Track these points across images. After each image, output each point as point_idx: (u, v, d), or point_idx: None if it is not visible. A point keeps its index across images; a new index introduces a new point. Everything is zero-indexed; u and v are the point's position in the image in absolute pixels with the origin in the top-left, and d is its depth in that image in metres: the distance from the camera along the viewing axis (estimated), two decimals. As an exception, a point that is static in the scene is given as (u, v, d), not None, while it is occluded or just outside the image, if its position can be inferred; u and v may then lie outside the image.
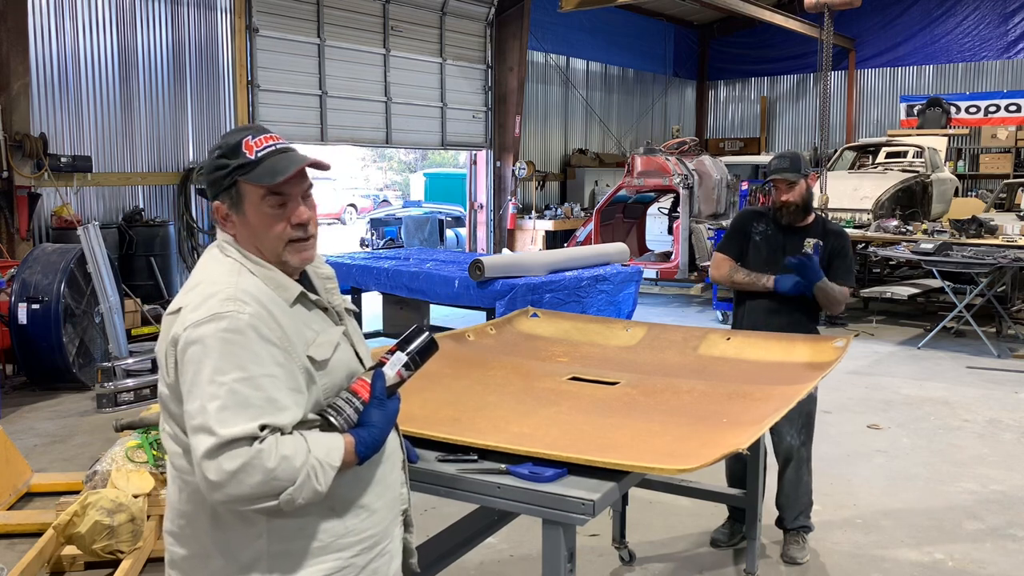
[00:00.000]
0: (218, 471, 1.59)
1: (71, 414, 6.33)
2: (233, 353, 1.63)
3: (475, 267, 6.38)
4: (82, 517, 3.64)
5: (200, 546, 1.78)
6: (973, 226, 9.89)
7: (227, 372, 1.62)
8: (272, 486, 1.60)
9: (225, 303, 1.67)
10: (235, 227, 1.80)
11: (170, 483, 1.84)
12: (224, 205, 1.79)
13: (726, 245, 4.12)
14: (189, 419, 1.64)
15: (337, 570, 1.79)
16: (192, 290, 1.75)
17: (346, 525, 1.80)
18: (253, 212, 1.78)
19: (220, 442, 1.58)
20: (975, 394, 6.96)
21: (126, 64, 9.27)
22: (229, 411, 1.60)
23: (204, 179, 1.84)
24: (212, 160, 1.80)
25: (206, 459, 1.59)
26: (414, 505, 2.07)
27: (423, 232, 16.22)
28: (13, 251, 7.95)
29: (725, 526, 4.17)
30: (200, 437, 1.61)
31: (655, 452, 2.24)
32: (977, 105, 16.54)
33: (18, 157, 8.10)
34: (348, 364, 1.86)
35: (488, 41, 14.04)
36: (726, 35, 19.55)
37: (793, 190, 3.89)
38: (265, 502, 1.62)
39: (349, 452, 1.72)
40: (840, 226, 4.26)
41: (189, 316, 1.68)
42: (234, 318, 1.65)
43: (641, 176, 11.76)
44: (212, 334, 1.64)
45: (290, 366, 1.70)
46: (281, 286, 1.78)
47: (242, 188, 1.77)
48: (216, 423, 1.59)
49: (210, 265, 1.80)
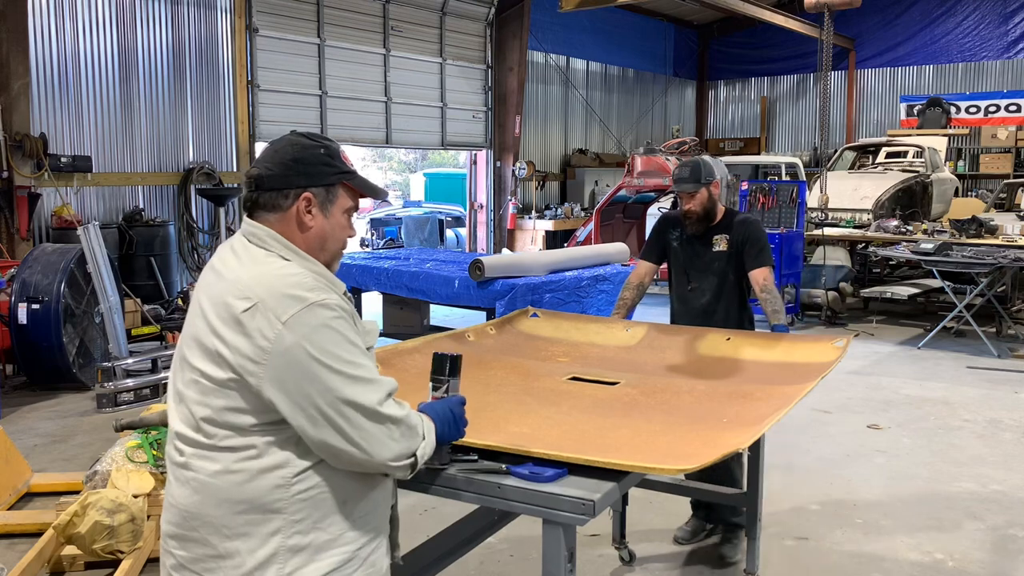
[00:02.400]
0: (391, 431, 1.76)
1: (71, 414, 6.32)
2: (343, 332, 1.74)
3: (475, 267, 6.38)
4: (82, 517, 3.63)
5: (215, 546, 1.77)
6: (973, 226, 9.89)
7: (347, 348, 1.73)
8: (413, 443, 1.80)
9: (310, 292, 1.74)
10: (314, 220, 1.85)
11: (177, 486, 1.82)
12: (317, 198, 1.84)
13: (647, 252, 4.27)
14: (336, 417, 1.71)
15: (345, 561, 1.82)
16: (256, 286, 1.73)
17: (355, 517, 1.84)
18: (339, 214, 1.89)
19: (381, 397, 1.75)
20: (975, 394, 6.96)
21: (126, 64, 9.27)
22: (371, 392, 1.74)
23: (299, 167, 1.83)
24: (316, 154, 1.86)
25: (375, 420, 1.73)
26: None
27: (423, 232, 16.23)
28: (13, 251, 7.95)
29: (689, 523, 4.19)
30: (368, 430, 1.73)
31: (655, 452, 2.24)
32: (977, 105, 16.54)
33: (18, 157, 8.11)
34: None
35: (488, 41, 14.05)
36: (726, 35, 19.55)
37: (694, 199, 3.97)
38: (408, 459, 1.80)
39: (429, 424, 1.92)
40: (747, 214, 4.36)
41: (279, 308, 1.70)
42: (327, 306, 1.74)
43: (641, 176, 11.76)
44: (319, 322, 1.71)
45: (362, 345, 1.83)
46: (333, 283, 1.85)
47: (339, 191, 1.88)
48: (373, 383, 1.75)
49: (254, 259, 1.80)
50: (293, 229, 1.84)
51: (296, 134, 1.91)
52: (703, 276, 4.07)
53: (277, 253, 1.81)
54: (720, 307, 4.05)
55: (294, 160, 1.83)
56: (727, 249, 4.02)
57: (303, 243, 1.84)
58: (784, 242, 9.41)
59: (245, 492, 1.74)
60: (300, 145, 1.86)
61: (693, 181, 3.95)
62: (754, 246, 4.00)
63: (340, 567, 1.81)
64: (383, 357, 3.03)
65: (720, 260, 4.04)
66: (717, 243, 4.04)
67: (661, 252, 4.22)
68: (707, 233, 4.05)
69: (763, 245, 4.03)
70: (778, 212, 9.94)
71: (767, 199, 10.01)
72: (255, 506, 1.74)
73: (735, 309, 4.08)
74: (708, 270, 4.06)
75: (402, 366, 3.02)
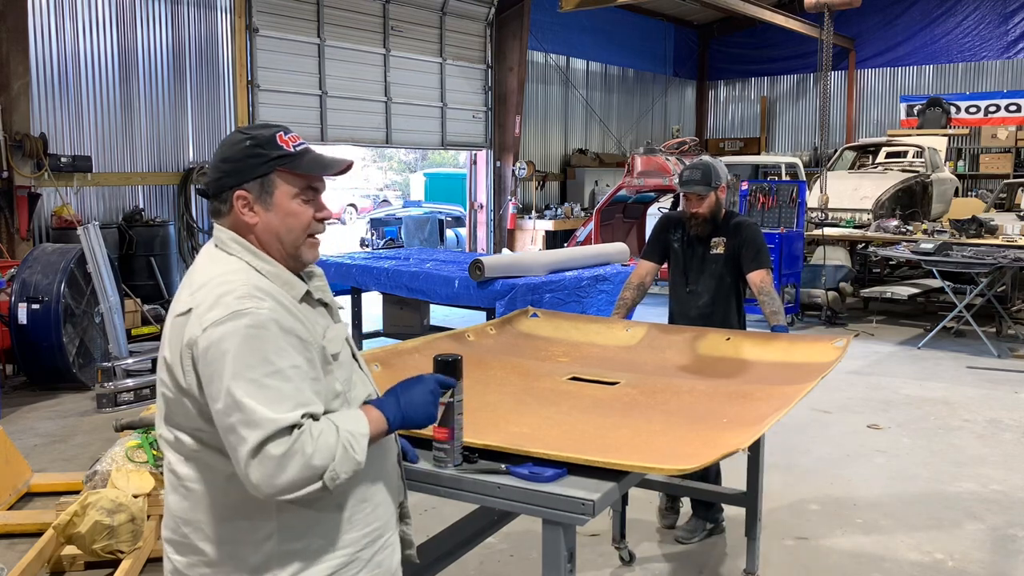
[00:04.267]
0: (263, 463, 1.59)
1: (71, 414, 6.32)
2: (260, 348, 1.63)
3: (475, 267, 6.38)
4: (82, 517, 3.63)
5: (206, 553, 1.76)
6: (973, 226, 9.89)
7: (257, 367, 1.62)
8: (313, 469, 1.62)
9: (243, 300, 1.67)
10: (256, 217, 1.79)
11: (169, 491, 1.82)
12: (251, 194, 1.78)
13: (648, 252, 4.28)
14: (223, 418, 1.63)
15: (345, 565, 1.79)
16: (200, 289, 1.72)
17: (352, 520, 1.81)
18: (285, 202, 1.79)
19: (267, 434, 1.59)
20: (975, 394, 6.96)
21: (126, 64, 9.27)
22: (269, 405, 1.61)
23: (227, 166, 1.79)
24: (242, 148, 1.78)
25: (252, 456, 1.59)
26: (413, 505, 2.08)
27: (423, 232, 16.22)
28: (13, 251, 7.95)
29: (690, 523, 4.20)
30: (242, 434, 1.60)
31: (655, 452, 2.23)
32: (977, 105, 16.54)
33: (18, 157, 8.11)
34: (350, 360, 1.89)
35: (488, 41, 14.04)
36: (726, 35, 19.55)
37: (702, 203, 3.99)
38: (311, 485, 1.63)
39: (377, 419, 1.77)
40: (744, 217, 4.37)
41: (207, 316, 1.66)
42: (255, 314, 1.65)
43: (641, 176, 11.76)
44: (235, 332, 1.63)
45: (311, 355, 1.72)
46: (288, 283, 1.79)
47: (276, 178, 1.79)
48: (261, 417, 1.60)
49: (213, 264, 1.78)
50: (242, 230, 1.80)
51: (236, 130, 1.86)
52: (701, 278, 4.08)
53: (237, 256, 1.78)
54: (718, 310, 4.07)
55: (222, 161, 1.80)
56: (724, 252, 4.04)
57: (257, 241, 1.80)
58: (784, 242, 9.41)
59: (231, 498, 1.72)
60: (228, 143, 1.81)
61: (704, 184, 3.96)
62: (751, 248, 4.00)
63: (339, 570, 1.79)
64: (383, 357, 3.03)
65: (717, 263, 4.05)
66: (715, 246, 4.05)
67: (662, 252, 4.23)
68: (708, 236, 4.06)
69: (760, 247, 4.03)
70: (778, 212, 9.94)
71: (767, 199, 10.01)
72: (243, 512, 1.72)
73: (733, 312, 4.10)
74: (706, 272, 4.07)
75: (402, 366, 3.01)
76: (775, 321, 3.84)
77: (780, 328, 3.77)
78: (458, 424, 2.09)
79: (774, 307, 3.89)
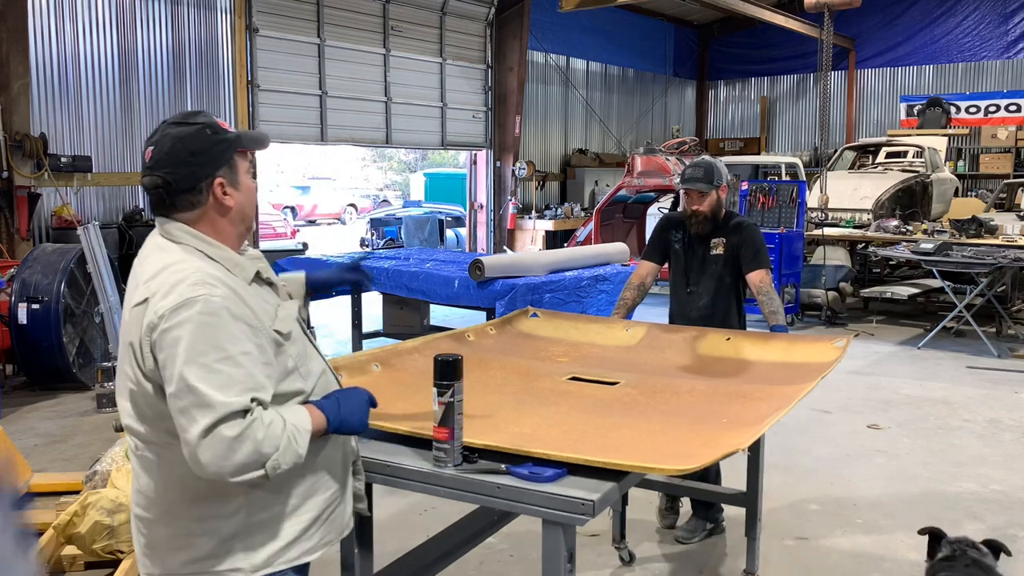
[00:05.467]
0: (214, 444, 1.66)
1: (71, 414, 6.32)
2: (212, 335, 1.70)
3: (475, 267, 6.38)
4: (82, 517, 3.63)
5: (179, 528, 1.84)
6: (973, 226, 9.89)
7: (209, 353, 1.69)
8: (260, 455, 1.70)
9: (196, 287, 1.73)
10: (233, 200, 1.86)
11: (139, 473, 1.90)
12: (225, 179, 1.85)
13: (648, 252, 4.27)
14: (175, 401, 1.70)
15: (310, 523, 1.93)
16: (153, 279, 1.78)
17: (313, 486, 1.93)
18: (245, 180, 1.90)
19: (219, 416, 1.66)
20: (975, 394, 6.96)
21: (126, 64, 9.27)
22: (220, 389, 1.68)
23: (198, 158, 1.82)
24: (207, 138, 1.83)
25: (203, 436, 1.66)
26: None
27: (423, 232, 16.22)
28: (13, 251, 7.95)
29: (690, 523, 4.20)
30: (194, 416, 1.67)
31: (655, 452, 2.23)
32: (977, 105, 16.54)
33: (18, 157, 8.11)
34: (302, 336, 1.98)
35: (488, 41, 14.04)
36: (726, 35, 19.54)
37: (704, 201, 3.99)
38: (254, 471, 1.71)
39: (318, 418, 1.86)
40: (743, 217, 4.38)
41: (161, 304, 1.73)
42: (207, 301, 1.72)
43: (641, 176, 11.76)
44: (190, 318, 1.70)
45: (261, 341, 1.79)
46: (239, 266, 1.87)
47: (235, 159, 1.87)
48: (213, 400, 1.67)
49: (164, 253, 1.83)
50: (214, 217, 1.86)
51: (170, 124, 1.87)
52: (701, 279, 4.08)
53: (186, 244, 1.84)
54: (718, 310, 4.07)
55: (192, 154, 1.82)
56: (724, 252, 4.04)
57: (228, 225, 1.87)
58: (784, 242, 9.41)
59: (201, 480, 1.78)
60: (188, 136, 1.83)
61: (706, 182, 3.96)
62: (750, 248, 4.00)
63: (304, 532, 1.91)
64: (383, 357, 3.03)
65: (717, 263, 4.05)
66: (715, 246, 4.06)
67: (663, 252, 4.23)
68: (707, 235, 4.07)
69: (759, 247, 4.04)
70: (778, 212, 9.94)
71: (767, 199, 10.01)
72: (213, 491, 1.80)
73: (733, 312, 4.10)
74: (706, 273, 4.07)
75: (402, 366, 3.02)
76: (774, 321, 3.84)
77: (780, 328, 3.77)
78: (458, 424, 2.09)
79: (773, 307, 3.89)
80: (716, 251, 4.05)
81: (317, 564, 2.02)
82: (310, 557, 1.95)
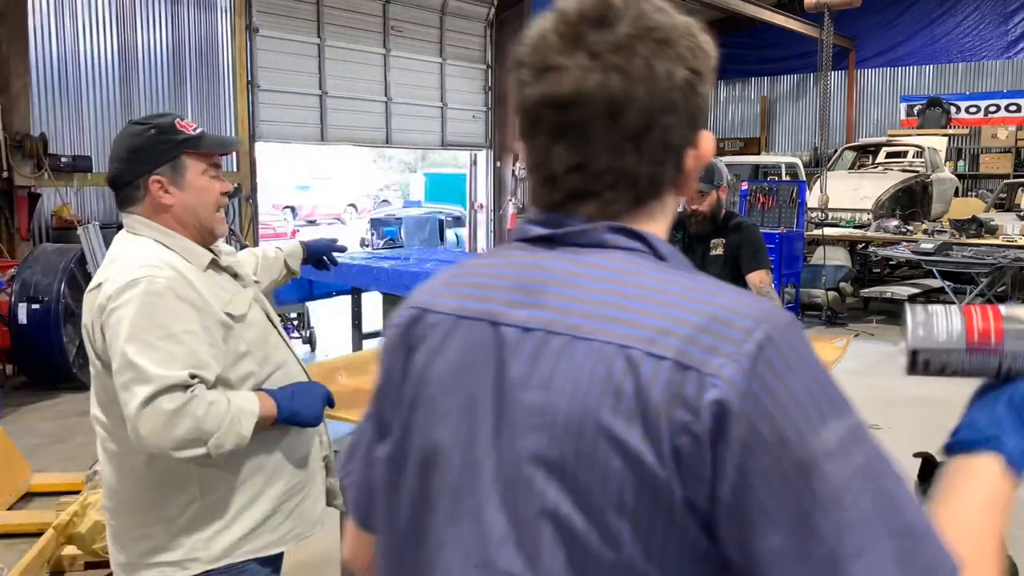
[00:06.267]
0: (153, 417, 1.69)
1: (71, 414, 6.32)
2: (154, 313, 1.76)
3: (475, 267, 6.38)
4: (82, 517, 3.63)
5: (138, 517, 1.89)
6: (973, 226, 9.89)
7: (151, 330, 1.74)
8: (201, 432, 1.72)
9: (143, 269, 1.80)
10: (172, 198, 1.91)
11: (104, 463, 1.94)
12: (165, 177, 1.90)
13: None
14: (118, 377, 1.74)
15: (268, 515, 1.94)
16: (108, 267, 1.87)
17: (272, 477, 1.95)
18: (196, 180, 1.93)
19: (157, 389, 1.70)
20: (975, 394, 6.94)
21: (126, 64, 9.27)
22: (159, 364, 1.72)
23: (137, 156, 1.90)
24: (148, 137, 1.91)
25: (143, 407, 1.69)
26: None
27: (423, 232, 16.21)
28: (13, 251, 7.95)
29: None
30: (134, 389, 1.71)
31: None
32: (977, 105, 16.53)
33: (18, 157, 8.10)
34: (263, 322, 2.02)
35: (488, 41, 14.04)
36: (726, 35, 19.52)
37: (704, 200, 3.97)
38: (195, 448, 1.73)
39: (269, 405, 1.87)
40: (743, 217, 4.37)
41: (109, 286, 1.80)
42: (151, 281, 1.78)
43: (641, 176, 11.73)
44: (133, 298, 1.76)
45: (207, 323, 1.83)
46: (193, 253, 1.92)
47: (185, 160, 1.92)
48: (151, 373, 1.71)
49: (124, 244, 1.92)
50: (158, 212, 1.92)
51: (130, 123, 1.98)
52: None
53: (144, 235, 1.91)
54: None
55: (131, 151, 1.92)
56: (723, 252, 4.03)
57: (173, 220, 1.92)
58: (784, 242, 9.41)
59: (155, 468, 1.84)
60: (132, 134, 1.94)
61: (707, 181, 3.95)
62: (749, 248, 4.00)
63: (263, 522, 1.93)
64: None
65: (717, 263, 4.05)
66: (715, 247, 4.05)
67: None
68: (707, 236, 4.06)
69: (759, 247, 4.03)
70: (778, 212, 9.94)
71: (767, 199, 10.01)
72: (168, 480, 1.85)
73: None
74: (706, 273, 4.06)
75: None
76: None
77: None
78: None
79: None
80: (716, 251, 4.05)
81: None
82: (276, 549, 1.97)
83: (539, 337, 0.84)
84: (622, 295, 0.84)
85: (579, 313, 0.83)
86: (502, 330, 0.87)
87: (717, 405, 0.75)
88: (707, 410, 0.75)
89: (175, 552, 1.86)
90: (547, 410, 0.81)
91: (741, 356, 0.76)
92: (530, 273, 0.89)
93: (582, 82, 0.85)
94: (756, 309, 0.81)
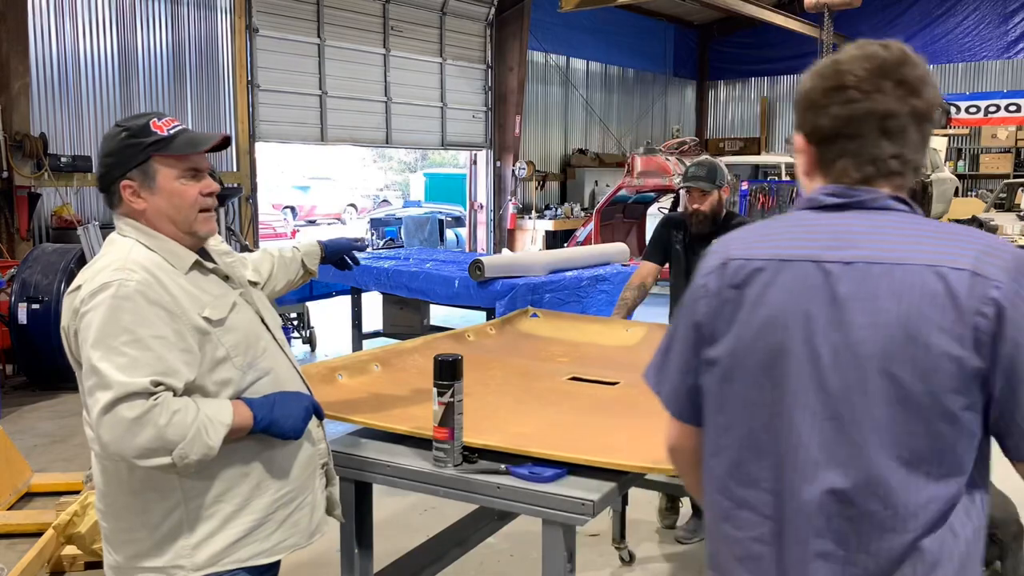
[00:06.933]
0: (113, 424, 1.67)
1: (71, 414, 6.32)
2: (121, 318, 1.72)
3: (475, 267, 6.38)
4: (82, 517, 3.63)
5: (125, 521, 1.87)
6: (973, 226, 9.90)
7: (118, 335, 1.71)
8: (164, 441, 1.68)
9: (114, 273, 1.77)
10: (144, 203, 1.87)
11: (94, 466, 1.94)
12: (135, 181, 1.86)
13: (650, 253, 4.27)
14: (85, 381, 1.74)
15: (257, 525, 1.90)
16: (89, 268, 1.85)
17: (260, 486, 1.91)
18: (168, 184, 1.87)
19: (117, 396, 1.67)
20: (975, 394, 6.94)
21: (126, 64, 9.27)
22: (122, 370, 1.69)
23: (110, 160, 1.87)
24: (118, 141, 1.87)
25: (103, 414, 1.68)
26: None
27: (423, 232, 16.21)
28: (13, 251, 7.95)
29: (690, 523, 4.21)
30: (96, 395, 1.69)
31: (655, 452, 2.23)
32: (977, 105, 16.54)
33: (18, 157, 8.11)
34: (250, 326, 1.95)
35: (488, 41, 14.05)
36: (726, 35, 19.54)
37: (705, 200, 3.98)
38: (158, 457, 1.70)
39: (244, 415, 1.82)
40: (743, 217, 4.40)
41: (83, 290, 1.79)
42: (121, 284, 1.75)
43: (641, 176, 11.76)
44: (102, 302, 1.73)
45: (179, 327, 1.78)
46: (174, 255, 1.88)
47: (156, 163, 1.86)
48: (112, 379, 1.68)
49: (110, 246, 1.90)
50: (135, 215, 1.89)
51: (114, 125, 1.94)
52: None
53: (129, 236, 1.88)
54: None
55: (104, 156, 1.89)
56: None
57: (150, 224, 1.88)
58: (784, 242, 9.41)
59: (137, 473, 1.81)
60: (107, 137, 1.90)
61: (709, 180, 3.97)
62: None
63: (252, 531, 1.89)
64: (383, 357, 3.03)
65: None
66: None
67: (664, 253, 4.23)
68: (708, 236, 4.06)
69: None
70: (778, 212, 9.95)
71: (767, 199, 10.02)
72: (150, 485, 1.83)
73: None
74: None
75: (402, 366, 3.02)
76: None
77: None
78: (458, 424, 2.09)
79: None
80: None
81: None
82: (267, 559, 1.91)
83: (861, 267, 1.22)
84: (917, 237, 1.23)
85: (889, 249, 1.22)
86: (826, 266, 1.24)
87: (998, 300, 1.17)
88: (992, 303, 1.17)
89: (160, 558, 1.84)
90: (876, 311, 1.19)
91: (1009, 269, 1.19)
92: (839, 227, 1.27)
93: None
94: (1006, 244, 1.24)
